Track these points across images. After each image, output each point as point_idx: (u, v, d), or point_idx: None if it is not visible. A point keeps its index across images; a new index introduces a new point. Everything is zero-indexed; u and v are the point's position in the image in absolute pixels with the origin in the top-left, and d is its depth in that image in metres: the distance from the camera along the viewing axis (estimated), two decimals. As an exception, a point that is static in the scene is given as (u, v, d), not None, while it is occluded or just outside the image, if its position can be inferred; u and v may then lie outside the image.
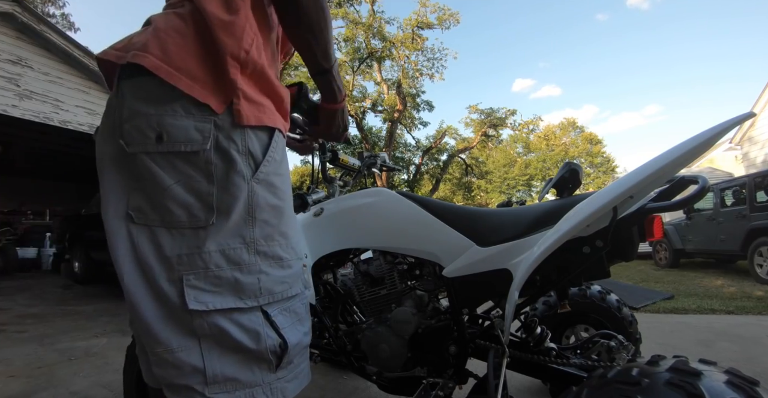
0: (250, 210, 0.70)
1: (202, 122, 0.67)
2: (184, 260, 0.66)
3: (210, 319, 0.66)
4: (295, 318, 0.77)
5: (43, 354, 2.59)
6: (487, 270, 1.03)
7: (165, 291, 0.66)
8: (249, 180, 0.70)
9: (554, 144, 28.55)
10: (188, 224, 0.67)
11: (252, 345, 0.68)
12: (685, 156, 0.73)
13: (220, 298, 0.67)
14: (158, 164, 0.66)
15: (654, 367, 0.67)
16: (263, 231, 0.72)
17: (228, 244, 0.68)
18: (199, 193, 0.67)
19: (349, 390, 1.98)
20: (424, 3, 14.84)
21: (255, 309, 0.70)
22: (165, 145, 0.66)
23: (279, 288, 0.73)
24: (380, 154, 1.75)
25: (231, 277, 0.68)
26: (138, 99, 0.67)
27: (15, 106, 5.26)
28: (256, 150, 0.72)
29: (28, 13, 5.37)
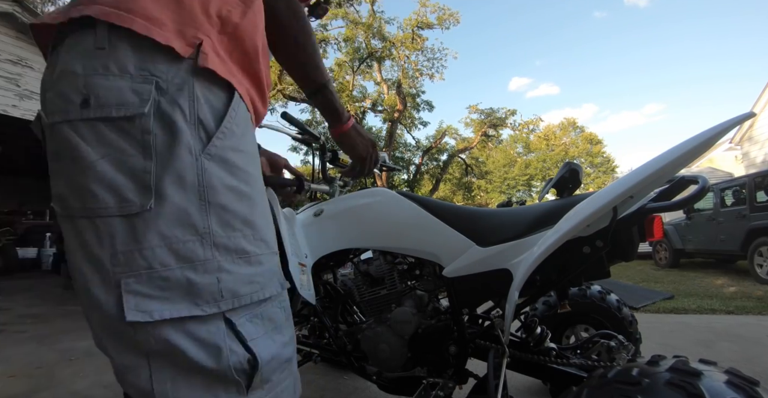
0: (202, 192, 0.57)
1: (141, 82, 0.55)
2: (119, 259, 0.53)
3: (157, 332, 0.53)
4: (269, 326, 0.63)
5: (43, 354, 2.59)
6: (487, 271, 1.03)
7: (100, 301, 0.54)
8: (199, 155, 0.57)
9: (554, 144, 28.55)
10: (117, 210, 0.53)
11: (211, 363, 0.55)
12: (685, 156, 0.73)
13: (169, 305, 0.53)
14: (80, 135, 0.54)
15: (654, 367, 0.67)
16: (221, 219, 0.58)
17: (175, 236, 0.55)
18: (132, 171, 0.54)
19: (349, 390, 1.98)
20: (424, 3, 14.84)
21: (215, 317, 0.56)
22: (91, 110, 0.54)
23: (246, 289, 0.60)
24: (381, 154, 1.74)
25: (182, 278, 0.55)
26: (67, 60, 0.56)
27: (15, 106, 5.26)
28: (208, 118, 0.59)
29: (28, 13, 5.37)
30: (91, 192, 0.53)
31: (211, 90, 0.60)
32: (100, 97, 0.54)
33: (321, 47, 14.08)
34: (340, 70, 15.61)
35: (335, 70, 15.45)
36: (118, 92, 0.54)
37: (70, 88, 0.55)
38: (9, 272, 6.98)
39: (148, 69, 0.56)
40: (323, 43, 14.65)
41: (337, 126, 0.94)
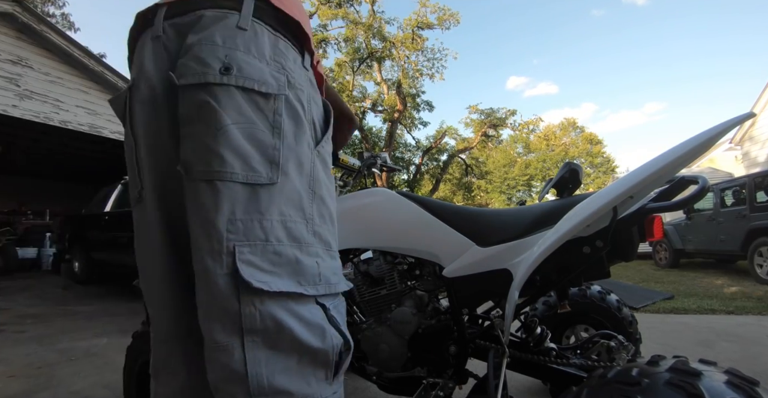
0: (311, 182, 0.61)
1: (276, 72, 0.59)
2: (238, 227, 0.53)
3: (266, 308, 0.52)
4: (342, 318, 0.64)
5: (43, 354, 2.59)
6: (487, 271, 1.03)
7: (209, 269, 0.52)
8: (313, 149, 0.62)
9: (554, 144, 28.55)
10: (243, 177, 0.54)
11: (318, 343, 0.55)
12: (685, 156, 0.73)
13: (278, 280, 0.53)
14: (216, 98, 0.54)
15: (654, 367, 0.67)
16: (319, 210, 0.62)
17: (290, 215, 0.57)
18: (261, 144, 0.56)
19: (349, 390, 1.98)
20: (424, 3, 14.83)
21: (311, 299, 0.58)
22: (233, 77, 0.55)
23: (334, 278, 0.62)
24: (381, 154, 1.74)
25: (292, 256, 0.56)
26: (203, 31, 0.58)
27: (15, 106, 5.26)
28: (318, 122, 0.66)
29: (28, 13, 5.36)
30: (218, 155, 0.53)
31: (317, 102, 0.68)
32: (243, 69, 0.56)
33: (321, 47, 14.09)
34: (340, 70, 15.61)
35: (335, 70, 15.45)
36: (260, 72, 0.57)
37: (209, 55, 0.56)
38: (9, 272, 6.98)
39: (281, 62, 0.61)
40: (323, 43, 14.65)
41: None
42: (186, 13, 0.61)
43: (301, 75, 0.64)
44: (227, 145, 0.54)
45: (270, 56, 0.60)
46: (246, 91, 0.56)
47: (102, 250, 5.29)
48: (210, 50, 0.56)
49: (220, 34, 0.58)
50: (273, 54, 0.61)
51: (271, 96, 0.58)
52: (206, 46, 0.57)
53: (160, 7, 0.65)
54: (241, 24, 0.59)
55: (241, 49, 0.57)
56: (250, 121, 0.56)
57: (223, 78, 0.55)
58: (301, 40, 0.68)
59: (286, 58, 0.62)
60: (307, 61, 0.67)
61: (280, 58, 0.61)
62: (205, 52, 0.56)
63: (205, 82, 0.55)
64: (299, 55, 0.66)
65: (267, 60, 0.59)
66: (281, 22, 0.65)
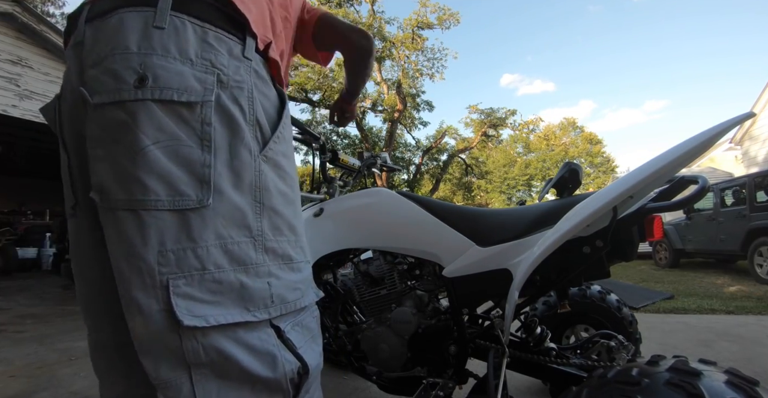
0: (257, 194, 0.55)
1: (203, 72, 0.51)
2: (170, 258, 0.48)
3: (208, 341, 0.49)
4: (308, 335, 0.61)
5: (43, 354, 2.59)
6: (487, 271, 1.03)
7: (141, 306, 0.48)
8: (256, 155, 0.55)
9: (554, 144, 28.54)
10: (169, 204, 0.49)
11: (267, 372, 0.52)
12: (685, 156, 0.73)
13: (222, 310, 0.50)
14: (132, 117, 0.49)
15: (654, 367, 0.67)
16: (272, 223, 0.57)
17: (231, 236, 0.52)
18: (188, 162, 0.50)
19: (349, 390, 1.98)
20: (424, 3, 14.84)
21: (264, 323, 0.54)
22: (148, 90, 0.49)
23: (292, 295, 0.58)
24: (381, 154, 1.74)
25: (235, 281, 0.52)
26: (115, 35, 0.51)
27: (15, 106, 5.26)
28: (264, 121, 0.58)
29: (28, 13, 5.36)
30: (139, 181, 0.48)
31: (266, 95, 0.59)
32: (159, 78, 0.49)
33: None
34: (340, 70, 15.59)
35: (335, 70, 15.44)
36: (180, 77, 0.50)
37: (122, 66, 0.49)
38: (9, 272, 6.98)
39: (209, 59, 0.54)
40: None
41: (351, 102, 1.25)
42: (104, 14, 0.55)
43: (239, 68, 0.56)
44: (148, 170, 0.48)
45: (196, 54, 0.53)
46: (165, 104, 0.50)
47: (102, 250, 5.27)
48: (123, 60, 0.50)
49: (135, 38, 0.51)
50: (200, 50, 0.53)
51: (197, 104, 0.51)
52: (119, 55, 0.50)
53: (85, 7, 0.58)
54: (157, 22, 0.51)
55: (159, 51, 0.50)
56: (173, 138, 0.50)
57: (137, 92, 0.49)
58: (240, 23, 0.58)
59: (216, 52, 0.54)
60: (250, 48, 0.58)
61: (208, 54, 0.54)
62: (118, 62, 0.50)
63: (121, 100, 0.49)
64: (239, 43, 0.57)
65: (192, 59, 0.52)
66: (209, 8, 0.56)
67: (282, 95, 0.63)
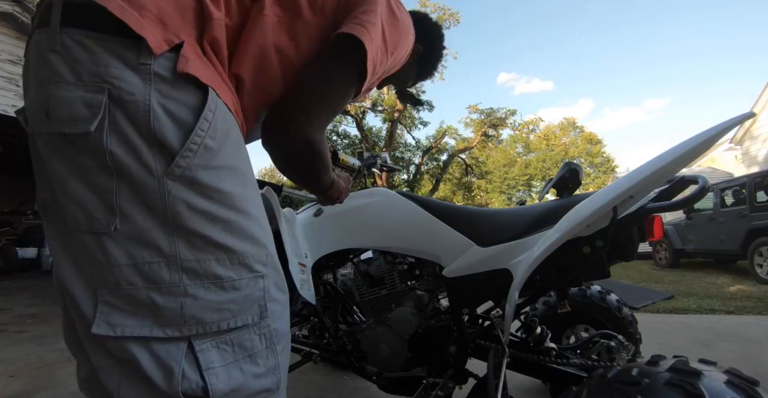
0: (166, 215, 0.53)
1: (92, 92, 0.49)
2: (95, 272, 0.54)
3: (120, 342, 0.53)
4: (241, 355, 0.59)
5: (43, 354, 2.59)
6: (487, 271, 1.03)
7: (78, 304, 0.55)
8: (161, 176, 0.52)
9: (554, 144, 28.56)
10: (87, 228, 0.52)
11: (160, 383, 0.53)
12: (685, 156, 0.73)
13: (136, 321, 0.53)
14: (49, 148, 0.53)
15: (654, 367, 0.67)
16: (189, 243, 0.55)
17: (142, 257, 0.53)
18: (96, 189, 0.51)
19: (349, 390, 1.98)
20: (424, 3, 14.84)
21: (178, 339, 0.55)
22: (51, 123, 0.50)
23: (213, 316, 0.56)
24: (381, 154, 1.74)
25: (147, 299, 0.53)
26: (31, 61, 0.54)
27: (15, 106, 5.26)
28: (170, 133, 0.52)
29: (28, 13, 5.36)
30: (65, 207, 0.53)
31: (175, 98, 0.53)
32: (53, 110, 0.50)
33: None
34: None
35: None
36: (68, 105, 0.49)
37: (36, 99, 0.52)
38: (9, 272, 6.98)
39: (99, 74, 0.50)
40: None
41: None
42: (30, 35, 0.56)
43: (133, 76, 0.51)
44: (68, 197, 0.52)
45: (87, 71, 0.49)
46: (64, 136, 0.50)
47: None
48: (35, 91, 0.52)
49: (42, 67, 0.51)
50: (92, 65, 0.50)
51: (87, 134, 0.49)
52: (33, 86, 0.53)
53: None
54: (51, 46, 0.50)
55: (54, 77, 0.49)
56: (81, 166, 0.51)
57: (44, 126, 0.51)
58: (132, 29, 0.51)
59: (107, 63, 0.50)
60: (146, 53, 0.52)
61: (98, 68, 0.50)
62: (34, 93, 0.52)
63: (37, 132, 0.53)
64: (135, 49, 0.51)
65: (84, 79, 0.49)
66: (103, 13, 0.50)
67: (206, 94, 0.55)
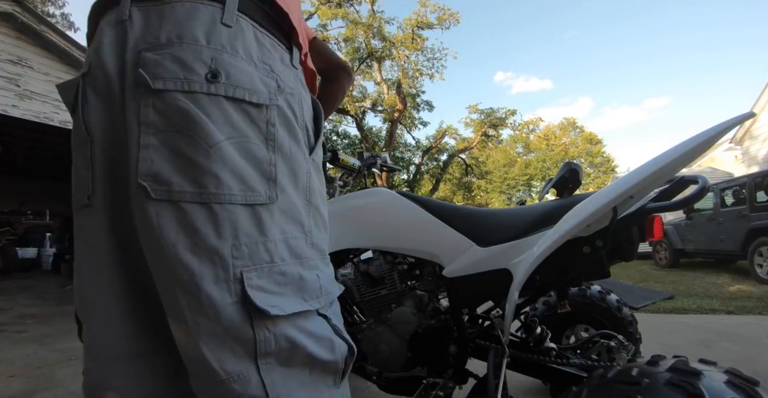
0: (307, 193, 0.58)
1: (265, 75, 0.53)
2: (243, 251, 0.49)
3: (279, 330, 0.50)
4: (342, 322, 0.64)
5: (43, 354, 2.59)
6: (487, 271, 1.03)
7: (214, 300, 0.48)
8: (307, 157, 0.59)
9: (554, 144, 28.55)
10: (242, 199, 0.50)
11: (329, 356, 0.55)
12: (685, 156, 0.73)
13: (287, 301, 0.52)
14: (205, 110, 0.49)
15: (654, 367, 0.67)
16: (316, 221, 0.60)
17: (290, 232, 0.54)
18: (256, 160, 0.52)
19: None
20: (424, 3, 14.84)
21: (315, 313, 0.56)
22: (222, 86, 0.49)
23: (333, 287, 0.62)
24: (382, 154, 1.75)
25: (296, 274, 0.54)
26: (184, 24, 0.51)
27: (15, 106, 5.26)
28: (310, 127, 0.62)
29: (28, 13, 5.36)
30: (213, 175, 0.48)
31: (308, 102, 0.63)
32: (232, 75, 0.50)
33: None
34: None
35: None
36: (249, 77, 0.52)
37: (193, 57, 0.49)
38: (9, 272, 6.98)
39: (270, 64, 0.56)
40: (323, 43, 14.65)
41: None
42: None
43: (290, 76, 0.59)
44: (223, 164, 0.49)
45: (258, 57, 0.54)
46: (237, 102, 0.51)
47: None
48: (193, 51, 0.49)
49: (203, 31, 0.51)
50: (260, 54, 0.55)
51: (263, 106, 0.53)
52: (188, 45, 0.50)
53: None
54: (225, 20, 0.52)
55: (228, 50, 0.51)
56: (243, 135, 0.51)
57: (210, 87, 0.49)
58: (288, 34, 0.61)
59: (273, 58, 0.56)
60: (296, 57, 0.62)
61: (267, 59, 0.55)
62: (187, 52, 0.49)
63: (190, 90, 0.49)
64: (287, 53, 0.60)
65: (255, 62, 0.53)
66: (266, 16, 0.58)
67: (316, 104, 0.66)
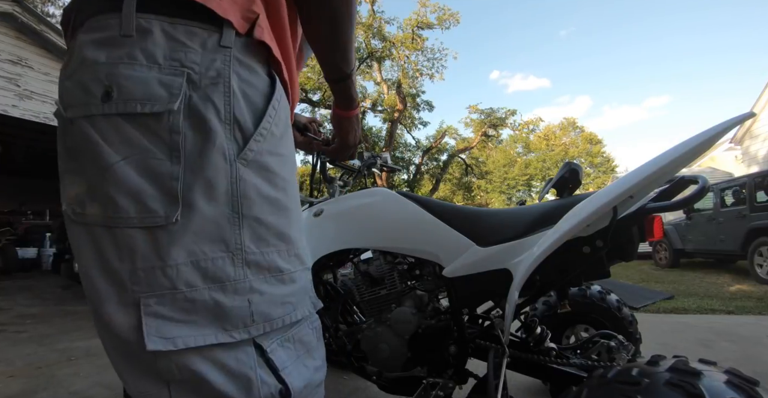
0: (235, 203, 0.50)
1: (170, 74, 0.48)
2: (140, 277, 0.47)
3: (181, 361, 0.47)
4: (301, 350, 0.57)
5: (43, 354, 2.59)
6: (487, 271, 1.03)
7: (114, 322, 0.47)
8: (233, 160, 0.50)
9: (554, 144, 28.54)
10: (138, 221, 0.47)
11: (241, 395, 0.49)
12: (685, 156, 0.73)
13: (195, 331, 0.48)
14: (100, 132, 0.47)
15: (654, 367, 0.67)
16: (254, 233, 0.52)
17: (204, 253, 0.49)
18: (157, 176, 0.48)
19: (349, 390, 1.98)
20: (424, 3, 14.85)
21: (245, 343, 0.50)
22: (113, 104, 0.47)
23: (278, 311, 0.54)
24: (382, 154, 1.75)
25: (210, 300, 0.48)
26: (88, 45, 0.50)
27: (15, 106, 5.26)
28: (245, 116, 0.52)
29: (28, 13, 5.36)
30: (110, 198, 0.47)
31: (250, 82, 0.53)
32: (123, 89, 0.47)
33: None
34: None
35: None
36: (144, 85, 0.48)
37: (90, 78, 0.48)
38: (9, 272, 6.98)
39: (179, 59, 0.50)
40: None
41: (346, 111, 0.84)
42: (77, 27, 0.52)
43: (214, 61, 0.51)
44: (118, 186, 0.47)
45: (164, 56, 0.49)
46: (130, 116, 0.48)
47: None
48: (91, 71, 0.48)
49: (104, 49, 0.49)
50: (168, 51, 0.50)
51: (162, 113, 0.48)
52: (88, 66, 0.49)
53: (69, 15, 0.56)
54: (123, 30, 0.49)
55: (126, 60, 0.48)
56: (142, 151, 0.47)
57: (104, 107, 0.47)
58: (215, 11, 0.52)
59: (187, 48, 0.50)
60: (228, 34, 0.52)
61: (177, 53, 0.50)
62: (87, 74, 0.48)
63: (89, 114, 0.48)
64: (216, 32, 0.52)
65: (159, 63, 0.49)
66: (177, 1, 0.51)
67: (273, 81, 0.56)
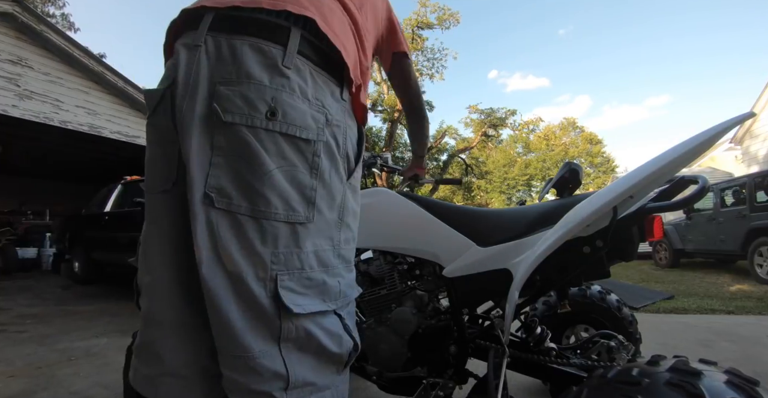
0: (341, 213, 0.70)
1: (316, 111, 0.63)
2: (280, 258, 0.62)
3: (299, 323, 0.63)
4: (354, 321, 0.76)
5: (43, 354, 2.59)
6: (487, 270, 1.03)
7: (253, 292, 0.60)
8: (344, 182, 0.70)
9: (554, 144, 28.53)
10: (284, 217, 0.61)
11: (336, 349, 0.67)
12: (685, 156, 0.73)
13: (309, 301, 0.64)
14: (262, 143, 0.59)
15: (654, 367, 0.67)
16: (345, 235, 0.72)
17: (321, 245, 0.66)
18: (300, 186, 0.63)
19: (349, 389, 1.98)
20: (424, 3, 14.85)
21: (332, 312, 0.68)
22: (278, 123, 0.59)
23: (350, 291, 0.73)
24: (382, 155, 1.74)
25: (320, 279, 0.66)
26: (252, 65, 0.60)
27: (15, 106, 5.26)
28: (351, 154, 0.72)
29: (28, 13, 5.36)
30: (264, 197, 0.60)
31: (353, 129, 0.73)
32: (287, 114, 0.60)
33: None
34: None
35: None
36: (302, 115, 0.61)
37: (257, 96, 0.59)
38: (9, 272, 6.98)
39: (321, 100, 0.65)
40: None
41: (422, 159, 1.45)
42: (233, 32, 0.62)
43: (338, 110, 0.68)
44: (272, 188, 0.60)
45: (312, 95, 0.63)
46: (289, 137, 0.61)
47: (102, 250, 5.28)
48: (257, 90, 0.59)
49: (267, 72, 0.60)
50: (314, 91, 0.64)
51: (311, 141, 0.63)
52: (254, 85, 0.59)
53: (207, 12, 0.65)
54: (286, 63, 0.61)
55: (287, 89, 0.60)
56: (291, 164, 0.62)
57: (269, 124, 0.59)
58: (340, 69, 0.69)
59: (324, 94, 0.66)
60: (345, 91, 0.70)
61: (320, 96, 0.65)
62: (253, 91, 0.59)
63: (253, 125, 0.59)
64: (338, 87, 0.69)
65: (309, 99, 0.63)
66: (322, 54, 0.67)
67: (361, 132, 0.76)
